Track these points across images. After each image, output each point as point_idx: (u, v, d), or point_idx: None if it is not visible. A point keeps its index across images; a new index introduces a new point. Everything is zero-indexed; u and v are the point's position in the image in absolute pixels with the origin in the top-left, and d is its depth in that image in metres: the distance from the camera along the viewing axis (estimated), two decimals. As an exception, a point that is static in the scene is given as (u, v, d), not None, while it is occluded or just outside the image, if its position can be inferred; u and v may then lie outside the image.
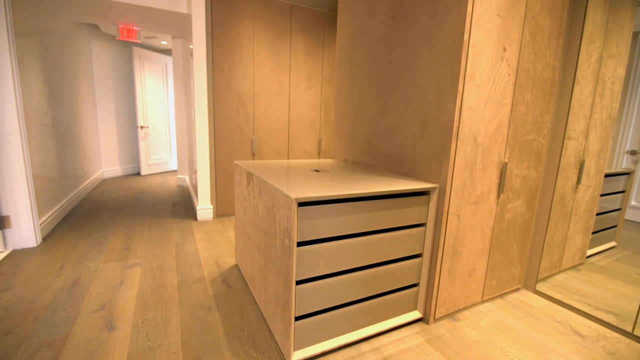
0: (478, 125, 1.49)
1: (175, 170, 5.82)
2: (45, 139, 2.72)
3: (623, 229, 1.94)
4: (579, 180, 1.92)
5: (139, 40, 3.94)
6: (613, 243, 1.98)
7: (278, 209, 1.30)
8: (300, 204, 1.21)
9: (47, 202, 2.69)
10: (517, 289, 1.97)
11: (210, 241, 2.59)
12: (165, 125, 5.49)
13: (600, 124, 1.87)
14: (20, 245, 2.32)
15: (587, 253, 2.04)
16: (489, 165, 1.58)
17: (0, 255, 2.18)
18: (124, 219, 3.05)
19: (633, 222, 1.89)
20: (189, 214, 3.32)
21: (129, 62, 5.13)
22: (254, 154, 3.26)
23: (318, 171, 1.72)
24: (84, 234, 2.64)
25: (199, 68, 2.87)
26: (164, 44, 5.19)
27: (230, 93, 3.05)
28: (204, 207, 3.13)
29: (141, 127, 4.93)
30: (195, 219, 3.16)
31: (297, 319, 1.29)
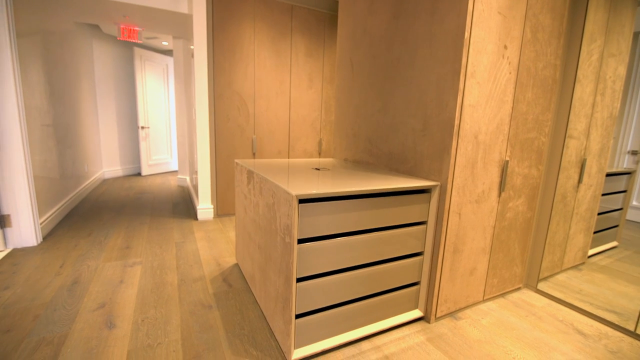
0: (479, 123, 1.48)
1: (175, 171, 5.82)
2: (46, 139, 2.73)
3: (624, 229, 1.93)
4: (580, 180, 1.91)
5: (140, 41, 3.95)
6: (615, 243, 1.97)
7: (278, 206, 1.29)
8: (301, 201, 1.21)
9: (48, 202, 2.69)
10: (519, 288, 1.96)
11: (211, 240, 2.59)
12: (166, 126, 5.49)
13: (601, 123, 1.87)
14: (20, 244, 2.32)
15: (589, 253, 2.03)
16: (490, 163, 1.58)
17: (1, 254, 2.18)
18: (124, 219, 3.05)
19: (634, 223, 1.88)
20: (189, 213, 3.32)
21: (130, 63, 5.14)
22: (254, 153, 3.26)
23: (319, 169, 1.72)
24: (85, 233, 2.64)
25: (200, 68, 2.88)
26: (165, 44, 5.20)
27: (231, 93, 3.05)
28: (205, 207, 3.13)
29: (142, 128, 4.94)
30: (195, 218, 3.16)
31: (298, 316, 1.28)
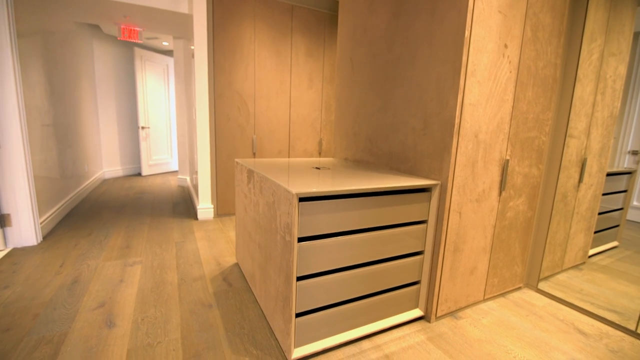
0: (479, 122, 1.48)
1: (176, 171, 5.82)
2: (47, 138, 2.73)
3: (625, 229, 1.93)
4: (580, 179, 1.91)
5: (140, 41, 3.96)
6: (615, 243, 1.97)
7: (279, 204, 1.29)
8: (301, 199, 1.20)
9: (48, 201, 2.69)
10: (519, 288, 1.96)
11: (211, 240, 2.59)
12: (166, 126, 5.50)
13: (601, 122, 1.87)
14: (20, 244, 2.32)
15: (589, 252, 2.03)
16: (490, 162, 1.58)
17: (1, 254, 2.18)
18: (124, 218, 3.05)
19: (635, 223, 1.88)
20: (189, 213, 3.31)
21: (130, 63, 5.15)
22: (254, 153, 3.26)
23: (319, 169, 1.72)
24: (85, 232, 2.64)
25: (200, 67, 2.88)
26: (165, 44, 5.21)
27: (231, 92, 3.05)
28: (205, 207, 3.12)
29: (142, 128, 4.94)
30: (195, 218, 3.15)
31: (298, 315, 1.28)
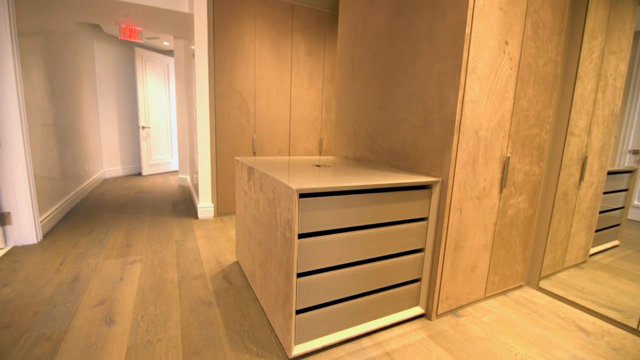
0: (480, 118, 1.48)
1: (176, 171, 5.82)
2: (47, 138, 2.73)
3: (626, 228, 1.92)
4: (581, 177, 1.91)
5: (141, 40, 3.96)
6: (616, 242, 1.97)
7: (279, 201, 1.29)
8: (302, 195, 1.20)
9: (48, 200, 2.69)
10: (520, 286, 1.95)
11: (211, 239, 2.58)
12: (166, 126, 5.50)
13: (602, 120, 1.86)
14: (20, 242, 2.31)
15: (591, 251, 2.02)
16: (491, 159, 1.58)
17: (1, 252, 2.17)
18: (124, 217, 3.04)
19: (636, 222, 1.88)
20: (189, 212, 3.31)
21: (131, 63, 5.15)
22: (255, 152, 3.25)
23: (319, 166, 1.72)
24: (85, 231, 2.64)
25: (201, 66, 2.88)
26: (166, 44, 5.22)
27: (232, 92, 3.06)
28: (205, 206, 3.12)
29: (143, 128, 4.94)
30: (196, 217, 3.15)
31: (298, 312, 1.28)
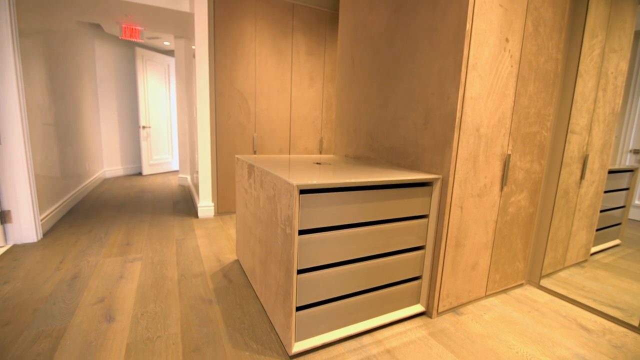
0: (481, 116, 1.48)
1: (176, 171, 5.82)
2: (48, 137, 2.73)
3: (627, 227, 1.92)
4: (582, 175, 1.90)
5: (141, 40, 3.97)
6: (617, 241, 1.96)
7: (279, 197, 1.29)
8: (302, 192, 1.20)
9: (49, 199, 2.69)
10: (521, 285, 1.95)
11: (211, 237, 2.58)
12: (167, 126, 5.50)
13: (603, 118, 1.86)
14: (21, 240, 2.31)
15: (591, 250, 2.02)
16: (492, 157, 1.57)
17: (1, 250, 2.17)
18: (125, 216, 3.04)
19: (637, 221, 1.87)
20: (189, 211, 3.31)
21: (131, 63, 5.16)
22: (255, 151, 3.25)
23: (320, 164, 1.72)
24: (85, 230, 2.63)
25: (201, 65, 2.88)
26: (166, 44, 5.22)
27: (232, 91, 3.06)
28: (205, 205, 3.12)
29: (143, 127, 4.94)
30: (196, 216, 3.15)
31: (298, 309, 1.27)
